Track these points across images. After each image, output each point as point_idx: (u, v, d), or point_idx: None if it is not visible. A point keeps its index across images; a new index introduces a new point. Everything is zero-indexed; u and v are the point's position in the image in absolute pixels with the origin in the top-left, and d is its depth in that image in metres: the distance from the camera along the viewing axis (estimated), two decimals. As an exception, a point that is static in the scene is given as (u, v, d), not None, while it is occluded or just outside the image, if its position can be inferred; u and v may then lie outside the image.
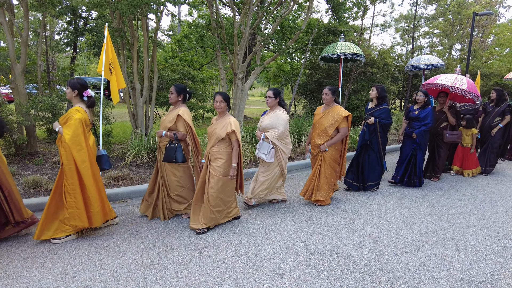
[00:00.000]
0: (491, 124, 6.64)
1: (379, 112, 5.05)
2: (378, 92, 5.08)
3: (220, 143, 3.64)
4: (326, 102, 4.45)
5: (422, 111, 5.41)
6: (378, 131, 5.02)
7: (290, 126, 8.41)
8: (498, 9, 24.77)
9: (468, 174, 6.39)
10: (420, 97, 5.45)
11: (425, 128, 5.33)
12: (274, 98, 4.28)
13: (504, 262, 3.15)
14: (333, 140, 4.33)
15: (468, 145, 6.37)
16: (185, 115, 3.71)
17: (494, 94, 6.75)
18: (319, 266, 2.98)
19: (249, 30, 8.11)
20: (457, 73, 5.88)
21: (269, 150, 4.09)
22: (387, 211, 4.41)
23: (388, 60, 13.43)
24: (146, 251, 3.20)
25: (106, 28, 4.48)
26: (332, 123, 4.31)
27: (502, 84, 17.41)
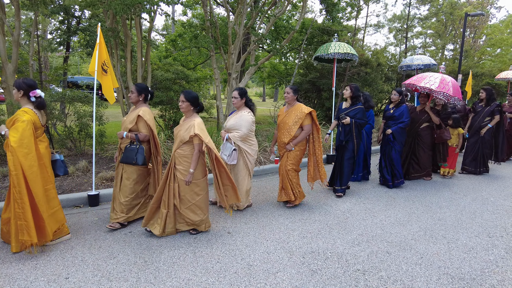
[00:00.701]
0: (481, 124, 6.56)
1: (354, 112, 4.89)
2: (352, 92, 4.91)
3: (185, 145, 3.43)
4: (287, 100, 4.36)
5: (397, 109, 5.40)
6: (354, 132, 4.87)
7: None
8: (490, 10, 25.07)
9: (452, 173, 6.34)
10: (394, 96, 5.45)
11: (401, 125, 5.31)
12: (240, 98, 4.19)
13: (494, 259, 3.20)
14: (298, 138, 4.25)
15: (453, 145, 6.33)
16: (146, 115, 3.54)
17: (483, 93, 6.67)
18: (313, 265, 3.00)
19: (243, 30, 8.12)
20: (441, 71, 5.72)
21: (231, 151, 3.97)
22: (380, 210, 4.44)
23: (382, 60, 13.51)
24: (139, 252, 3.19)
25: (99, 28, 4.45)
26: (295, 120, 4.21)
27: (493, 84, 17.62)
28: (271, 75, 16.40)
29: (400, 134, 5.37)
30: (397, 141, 5.38)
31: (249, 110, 4.24)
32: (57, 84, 11.81)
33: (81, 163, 5.59)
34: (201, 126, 3.37)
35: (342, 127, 4.94)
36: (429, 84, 5.26)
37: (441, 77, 5.35)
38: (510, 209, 4.63)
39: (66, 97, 6.21)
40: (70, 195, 4.47)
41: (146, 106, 3.67)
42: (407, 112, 5.37)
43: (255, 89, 52.21)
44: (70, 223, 3.81)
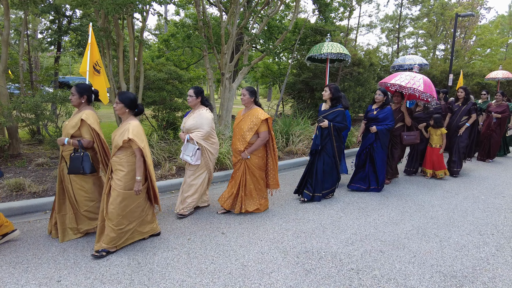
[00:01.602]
0: (459, 123, 6.49)
1: (334, 114, 4.55)
2: (332, 93, 4.56)
3: (120, 152, 3.10)
4: (244, 103, 4.04)
5: (381, 111, 5.08)
6: (333, 135, 4.54)
7: (278, 126, 8.45)
8: (479, 10, 25.41)
9: (441, 175, 6.16)
10: (378, 96, 5.11)
11: (387, 127, 5.02)
12: (195, 97, 4.01)
13: (485, 256, 3.24)
14: (254, 146, 3.93)
15: (437, 146, 6.15)
16: (90, 118, 3.20)
17: (463, 93, 6.56)
18: (307, 264, 3.00)
19: (236, 30, 8.11)
20: (415, 71, 5.55)
21: (195, 151, 3.85)
22: (373, 209, 4.47)
23: (374, 60, 13.61)
24: (133, 253, 3.16)
25: (90, 28, 4.41)
26: (251, 127, 3.89)
27: (484, 84, 17.87)
28: (265, 75, 16.39)
29: (385, 135, 5.07)
30: (381, 142, 5.08)
31: (206, 108, 4.08)
32: (48, 84, 11.66)
33: (73, 164, 5.52)
34: (137, 129, 3.06)
35: (319, 131, 4.62)
36: (399, 81, 5.16)
37: (412, 75, 5.25)
38: (500, 207, 4.70)
39: (57, 97, 6.13)
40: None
41: (90, 108, 3.35)
42: (392, 115, 5.07)
43: (249, 89, 52.10)
44: (62, 225, 3.76)
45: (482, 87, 17.89)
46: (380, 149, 5.11)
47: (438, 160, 6.13)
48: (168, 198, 4.76)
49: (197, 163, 3.92)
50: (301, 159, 7.13)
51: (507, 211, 4.53)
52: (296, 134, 8.21)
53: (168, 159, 6.17)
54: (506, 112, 7.61)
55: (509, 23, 34.96)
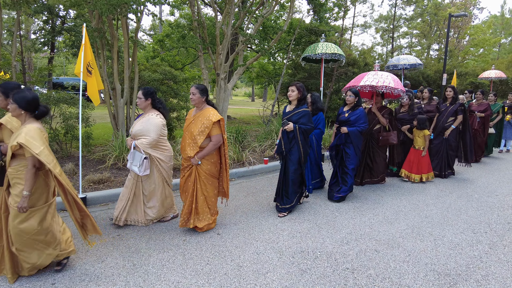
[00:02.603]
0: (445, 124, 6.21)
1: (298, 115, 4.09)
2: (300, 92, 4.11)
3: (16, 162, 2.58)
4: (194, 103, 3.58)
5: (352, 113, 4.77)
6: (299, 139, 4.07)
7: (274, 127, 8.47)
8: (472, 10, 25.65)
9: (415, 179, 5.81)
10: (349, 98, 4.80)
11: (359, 129, 4.70)
12: (144, 99, 3.68)
13: (478, 255, 3.28)
14: (205, 151, 3.49)
15: (420, 148, 5.85)
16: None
17: (451, 92, 6.25)
18: (302, 264, 3.01)
19: (231, 30, 8.11)
20: (376, 69, 5.31)
21: (141, 161, 3.50)
22: (368, 208, 4.50)
23: (369, 60, 13.69)
24: (128, 255, 3.15)
25: (84, 28, 4.38)
26: (201, 130, 3.46)
27: (477, 83, 18.04)
28: (260, 75, 16.42)
29: (357, 136, 4.73)
30: (354, 145, 4.75)
31: (157, 112, 3.74)
32: (41, 85, 11.58)
33: (68, 166, 5.49)
34: (32, 133, 2.51)
35: (283, 134, 4.18)
36: (369, 82, 4.98)
37: (378, 73, 5.12)
38: (493, 205, 4.75)
39: (51, 98, 6.09)
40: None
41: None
42: (365, 117, 4.75)
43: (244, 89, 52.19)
44: (56, 227, 3.74)
45: (475, 86, 18.07)
46: (353, 154, 4.77)
47: (420, 162, 5.82)
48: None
49: (145, 173, 3.57)
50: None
51: (500, 209, 4.57)
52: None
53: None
54: (488, 111, 7.54)
55: (501, 23, 35.35)
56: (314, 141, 5.03)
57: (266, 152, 7.20)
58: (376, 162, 5.52)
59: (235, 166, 6.31)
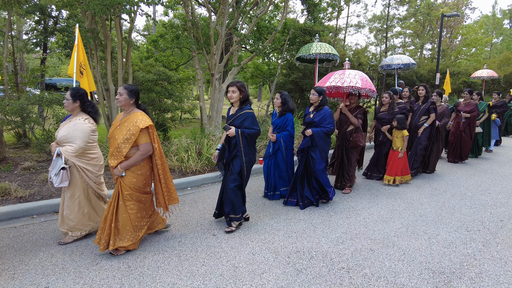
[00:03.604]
0: (417, 123, 6.17)
1: (241, 118, 3.61)
2: (242, 93, 3.64)
3: None
4: (120, 105, 3.14)
5: (317, 113, 4.43)
6: (241, 145, 3.55)
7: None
8: (465, 10, 25.90)
9: (400, 181, 5.62)
10: (312, 96, 4.47)
11: (324, 130, 4.34)
12: (71, 100, 3.30)
13: (472, 252, 3.31)
14: (130, 161, 3.05)
15: (398, 149, 5.59)
16: None
17: (423, 91, 6.18)
18: (298, 264, 3.02)
19: (225, 30, 8.10)
20: (346, 67, 5.16)
21: (58, 170, 3.12)
22: (363, 208, 4.52)
23: (363, 59, 13.76)
24: (123, 257, 3.12)
25: (77, 29, 4.35)
26: (127, 137, 3.02)
27: (469, 82, 18.22)
28: (255, 75, 16.42)
29: (322, 138, 4.36)
30: (319, 149, 4.39)
31: (86, 116, 3.37)
32: (34, 86, 11.45)
33: (61, 168, 5.43)
34: None
35: (226, 141, 3.69)
36: (334, 82, 4.76)
37: (346, 72, 4.91)
38: (486, 203, 4.79)
39: (43, 100, 6.03)
40: (49, 200, 4.34)
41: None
42: (330, 117, 4.38)
43: (239, 89, 52.11)
44: (50, 230, 3.70)
45: (468, 85, 18.25)
46: (319, 158, 4.41)
47: (396, 163, 5.58)
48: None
49: (62, 185, 3.17)
50: (292, 159, 7.15)
51: (493, 207, 4.62)
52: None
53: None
54: (475, 111, 7.31)
55: (492, 23, 35.78)
56: (282, 144, 4.66)
57: (261, 153, 7.20)
58: (351, 163, 5.23)
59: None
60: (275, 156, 4.73)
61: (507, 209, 4.59)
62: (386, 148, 5.83)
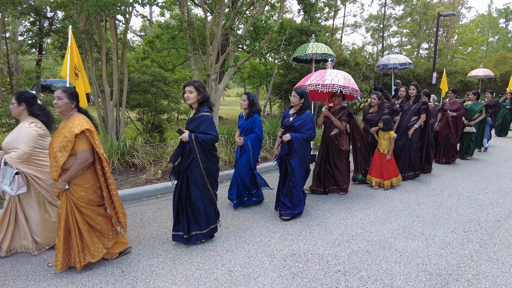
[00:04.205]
0: (408, 124, 5.90)
1: (197, 122, 3.24)
2: (200, 93, 3.28)
3: None
4: (60, 110, 2.82)
5: (298, 117, 4.08)
6: (197, 152, 3.19)
7: (265, 127, 8.44)
8: (461, 10, 25.99)
9: (387, 186, 5.37)
10: (293, 99, 4.11)
11: (304, 136, 4.00)
12: (16, 104, 3.07)
13: (469, 253, 3.29)
14: (70, 172, 2.74)
15: (385, 151, 5.40)
16: None
17: (414, 90, 5.95)
18: (294, 267, 2.98)
19: (221, 30, 8.06)
20: (329, 67, 4.88)
21: (12, 177, 2.93)
22: (360, 209, 4.49)
23: (359, 59, 13.75)
24: (116, 261, 3.08)
25: (70, 30, 4.30)
26: (63, 145, 2.70)
27: (466, 81, 18.26)
28: (251, 76, 16.39)
29: (301, 144, 4.03)
30: (297, 153, 4.03)
31: (33, 119, 3.11)
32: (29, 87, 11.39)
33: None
34: None
35: (179, 147, 3.31)
36: (315, 80, 4.41)
37: (328, 71, 4.65)
38: (483, 203, 4.78)
39: (37, 102, 5.96)
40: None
41: None
42: (311, 122, 4.05)
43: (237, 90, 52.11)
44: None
45: (464, 84, 18.30)
46: (299, 166, 4.07)
47: (387, 167, 5.38)
48: (153, 203, 4.67)
49: (20, 191, 3.00)
50: (289, 159, 7.12)
51: (490, 207, 4.61)
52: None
53: (153, 163, 6.07)
54: (460, 110, 7.20)
55: (488, 22, 35.92)
56: (249, 147, 4.35)
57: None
58: (339, 170, 4.95)
59: (227, 168, 6.26)
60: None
61: (503, 208, 4.58)
62: (374, 151, 5.60)
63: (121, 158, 5.94)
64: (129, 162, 5.96)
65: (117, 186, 5.09)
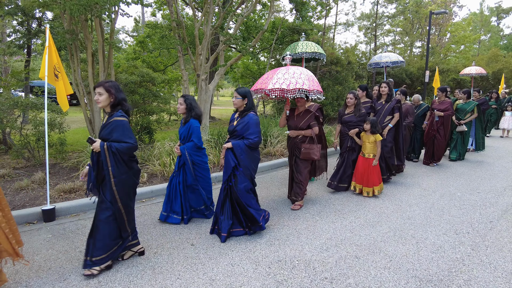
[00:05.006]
0: (381, 124, 5.62)
1: (109, 128, 2.79)
2: (111, 95, 2.84)
3: None
4: None
5: (241, 120, 3.54)
6: (109, 164, 2.73)
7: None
8: (453, 8, 26.06)
9: (367, 193, 4.93)
10: (235, 100, 3.56)
11: (246, 142, 3.44)
12: None
13: (461, 257, 3.18)
14: None
15: (370, 155, 4.98)
16: None
17: (386, 88, 5.65)
18: (279, 275, 2.86)
19: (210, 30, 7.92)
20: (287, 62, 4.25)
21: None
22: (350, 211, 4.38)
23: (352, 58, 13.67)
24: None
25: (47, 30, 4.13)
26: None
27: (459, 79, 18.28)
28: (244, 75, 16.27)
29: (244, 152, 3.45)
30: (242, 165, 3.47)
31: None
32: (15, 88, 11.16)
33: (38, 175, 5.21)
34: None
35: (93, 158, 2.82)
36: (278, 85, 3.79)
37: (289, 71, 3.95)
38: (475, 203, 4.70)
39: (19, 104, 5.78)
40: (22, 211, 4.13)
41: None
42: (255, 125, 3.49)
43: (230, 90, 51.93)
44: (19, 242, 3.49)
45: (457, 83, 18.31)
46: (242, 179, 3.48)
47: (372, 173, 4.93)
48: (137, 208, 4.51)
49: None
50: (279, 160, 7.01)
51: (482, 208, 4.53)
52: (275, 135, 8.09)
53: (139, 165, 5.92)
54: (449, 110, 6.81)
55: (480, 21, 36.11)
56: (187, 158, 3.84)
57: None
58: (301, 174, 4.44)
59: (215, 170, 6.12)
60: (183, 173, 3.92)
61: (496, 209, 4.49)
62: (355, 155, 5.16)
63: (107, 161, 5.76)
64: (115, 165, 5.79)
65: (101, 191, 4.94)
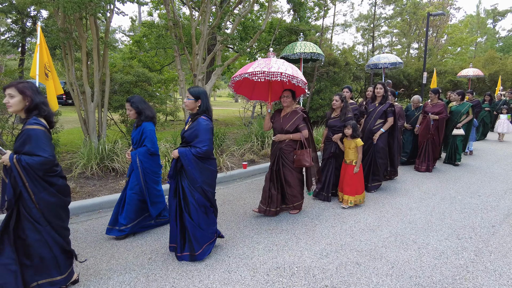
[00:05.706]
0: (372, 127, 5.27)
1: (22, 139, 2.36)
2: (26, 97, 2.37)
3: None
4: None
5: (192, 125, 3.06)
6: (24, 181, 2.31)
7: (254, 128, 8.20)
8: (450, 10, 26.14)
9: (348, 203, 4.52)
10: (187, 101, 3.08)
11: (193, 151, 2.93)
12: None
13: (464, 264, 3.10)
14: None
15: (352, 162, 4.61)
16: None
17: (382, 90, 5.25)
18: (277, 283, 2.75)
19: (207, 29, 7.81)
20: (271, 56, 3.97)
21: None
22: (349, 215, 4.29)
23: (350, 59, 13.60)
24: (85, 278, 2.82)
25: (39, 27, 4.01)
26: None
27: (456, 81, 18.30)
28: (241, 76, 16.15)
29: (192, 163, 2.95)
30: (189, 177, 2.99)
31: None
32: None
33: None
34: None
35: (4, 172, 2.39)
36: (259, 68, 3.53)
37: (272, 60, 3.75)
38: (476, 207, 4.62)
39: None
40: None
41: None
42: (205, 132, 2.96)
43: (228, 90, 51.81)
44: None
45: (454, 84, 18.32)
46: (189, 192, 3.01)
47: (354, 180, 4.54)
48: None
49: None
50: (277, 162, 6.90)
51: (483, 211, 4.45)
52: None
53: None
54: (443, 113, 6.59)
55: (477, 23, 36.31)
56: (138, 164, 3.47)
57: (245, 156, 6.94)
58: (290, 185, 4.11)
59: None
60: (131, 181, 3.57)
61: (497, 212, 4.42)
62: (339, 161, 4.84)
63: (100, 163, 5.64)
64: (109, 166, 5.67)
65: (95, 193, 4.81)
